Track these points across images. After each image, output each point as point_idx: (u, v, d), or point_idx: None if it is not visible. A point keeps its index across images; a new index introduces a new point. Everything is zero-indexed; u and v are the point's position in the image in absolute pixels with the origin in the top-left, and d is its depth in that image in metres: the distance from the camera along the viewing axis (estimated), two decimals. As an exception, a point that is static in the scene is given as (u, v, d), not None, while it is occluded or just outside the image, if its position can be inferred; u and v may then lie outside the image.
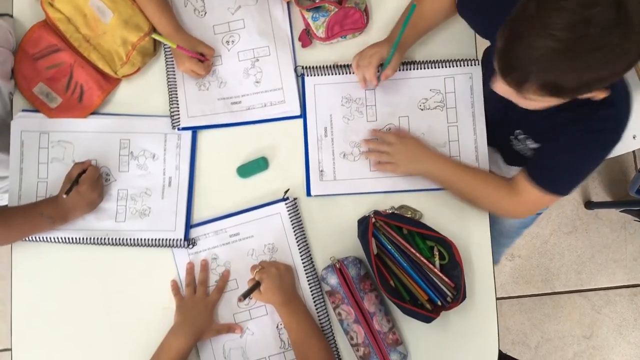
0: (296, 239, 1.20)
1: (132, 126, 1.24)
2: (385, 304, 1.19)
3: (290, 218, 1.20)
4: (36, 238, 1.20)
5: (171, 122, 1.23)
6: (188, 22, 1.25)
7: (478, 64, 1.24)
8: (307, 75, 1.25)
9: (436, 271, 1.15)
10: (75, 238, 1.20)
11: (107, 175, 1.22)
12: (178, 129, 1.23)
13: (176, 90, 1.24)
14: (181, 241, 1.19)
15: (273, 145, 1.24)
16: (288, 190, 1.21)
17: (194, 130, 1.24)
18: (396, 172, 1.21)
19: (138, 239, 1.20)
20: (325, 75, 1.25)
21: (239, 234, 1.20)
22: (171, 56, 1.24)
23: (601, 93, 0.90)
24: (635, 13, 0.77)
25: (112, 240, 1.20)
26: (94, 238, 1.20)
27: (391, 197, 1.23)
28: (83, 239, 1.20)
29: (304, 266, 1.19)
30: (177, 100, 1.23)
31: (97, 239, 1.20)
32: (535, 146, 1.16)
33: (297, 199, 1.22)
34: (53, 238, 1.20)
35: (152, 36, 1.20)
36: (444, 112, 1.24)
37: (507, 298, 2.00)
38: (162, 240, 1.19)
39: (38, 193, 1.22)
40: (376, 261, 1.14)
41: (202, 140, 1.25)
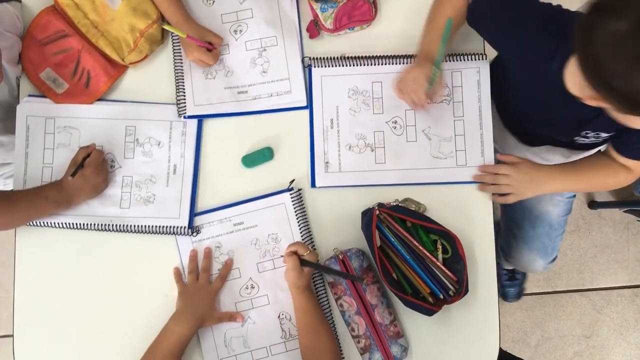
0: (300, 230, 1.20)
1: (138, 113, 1.23)
2: (387, 297, 1.19)
3: (294, 208, 1.20)
4: (41, 223, 1.20)
5: (177, 110, 1.23)
6: (196, 11, 1.25)
7: (485, 59, 1.24)
8: (314, 66, 1.25)
9: (439, 264, 1.15)
10: (79, 224, 1.20)
11: (113, 161, 1.23)
12: (184, 117, 1.23)
13: (183, 78, 1.24)
14: (185, 229, 1.19)
15: (278, 135, 1.24)
16: (293, 180, 1.21)
17: (200, 118, 1.24)
18: (519, 198, 1.22)
19: (142, 226, 1.20)
20: (332, 66, 1.25)
21: (243, 223, 1.20)
22: (179, 44, 1.24)
23: None
24: None
25: (116, 226, 1.20)
26: (98, 224, 1.20)
27: (395, 190, 1.23)
28: (87, 225, 1.20)
29: (307, 257, 1.19)
30: (184, 88, 1.23)
31: (102, 225, 1.20)
32: (607, 135, 1.14)
33: (302, 190, 1.22)
34: (58, 223, 1.20)
35: (163, 26, 1.20)
36: (451, 106, 1.24)
37: (499, 306, 2.00)
38: (166, 227, 1.20)
39: (43, 178, 1.22)
40: (379, 253, 1.14)
41: (208, 129, 1.25)
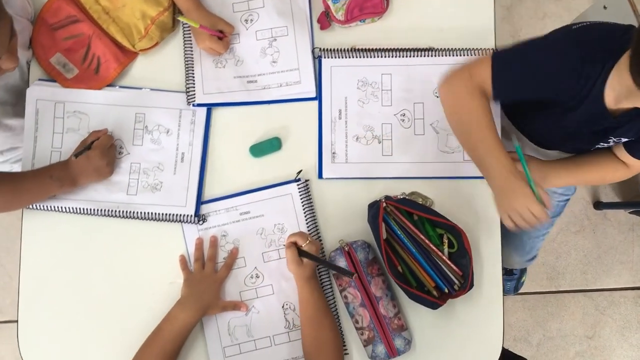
0: (306, 221, 1.20)
1: (148, 100, 1.24)
2: (391, 289, 1.19)
3: (301, 199, 1.20)
4: (47, 207, 1.20)
5: (186, 98, 1.23)
6: (208, -1, 1.25)
7: (496, 54, 1.24)
8: (324, 57, 1.24)
9: (444, 259, 1.15)
10: (86, 209, 1.20)
11: (121, 148, 1.23)
12: (193, 105, 1.23)
13: (193, 66, 1.23)
14: (191, 217, 1.19)
15: (287, 125, 1.24)
16: (301, 171, 1.21)
17: (209, 107, 1.24)
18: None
19: (148, 213, 1.20)
20: (342, 57, 1.24)
21: (250, 213, 1.21)
22: (189, 32, 1.24)
23: None
24: None
25: (123, 212, 1.20)
26: (105, 210, 1.20)
27: (402, 184, 1.23)
28: (94, 210, 1.20)
29: (313, 248, 1.19)
30: (193, 76, 1.23)
31: (108, 211, 1.20)
32: (630, 138, 1.13)
33: (309, 181, 1.22)
34: (65, 208, 1.20)
35: (178, 18, 1.19)
36: (460, 101, 1.24)
37: (503, 301, 2.00)
38: (173, 215, 1.20)
39: (51, 162, 1.22)
40: (385, 246, 1.13)
41: (216, 117, 1.25)
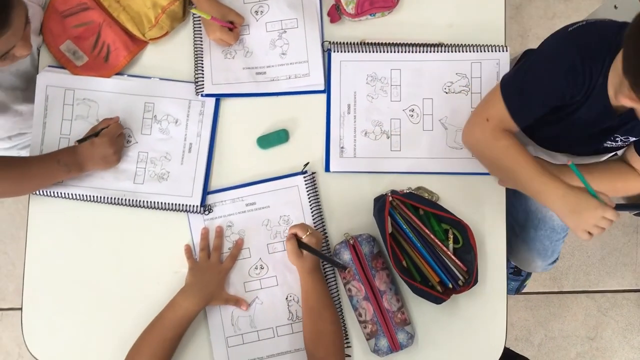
0: (312, 213, 1.20)
1: (158, 90, 1.24)
2: (395, 284, 1.19)
3: (307, 192, 1.21)
4: (55, 194, 1.21)
5: (195, 88, 1.23)
6: (218, -10, 1.25)
7: (506, 50, 1.23)
8: (334, 51, 1.24)
9: (449, 254, 1.15)
10: (93, 196, 1.20)
11: (129, 137, 1.23)
12: (201, 95, 1.23)
13: (202, 56, 1.24)
14: (197, 207, 1.20)
15: (295, 118, 1.24)
16: (308, 163, 1.21)
17: (217, 98, 1.24)
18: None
19: (155, 202, 1.20)
20: (352, 52, 1.24)
21: (256, 204, 1.21)
22: (199, 22, 1.24)
23: None
24: None
25: (129, 201, 1.20)
26: (112, 198, 1.20)
27: (409, 179, 1.23)
28: (101, 198, 1.20)
29: (318, 240, 1.19)
30: (203, 66, 1.23)
31: (115, 199, 1.20)
32: (635, 139, 1.14)
33: (316, 174, 1.22)
34: (71, 195, 1.21)
35: (192, 10, 1.19)
36: (469, 97, 1.24)
37: (507, 298, 2.00)
38: (179, 205, 1.20)
39: (59, 148, 1.22)
40: (390, 240, 1.14)
41: (225, 108, 1.25)
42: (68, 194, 1.21)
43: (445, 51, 1.24)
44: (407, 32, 1.26)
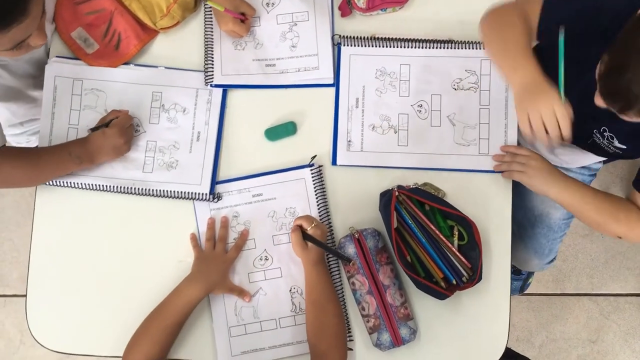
0: (318, 206, 1.20)
1: (165, 79, 1.24)
2: (399, 279, 1.19)
3: (314, 184, 1.21)
4: (65, 183, 1.21)
5: (204, 79, 1.23)
6: (230, -19, 1.25)
7: (516, 49, 1.23)
8: (344, 44, 1.25)
9: (454, 250, 1.15)
10: (102, 185, 1.21)
11: (138, 126, 1.23)
12: (211, 86, 1.23)
13: (212, 47, 1.24)
14: (206, 195, 1.20)
15: (303, 111, 1.25)
16: (315, 156, 1.22)
17: (226, 88, 1.24)
18: (527, 182, 1.17)
19: (164, 190, 1.21)
20: (362, 46, 1.24)
21: (262, 195, 1.21)
22: (210, 13, 1.25)
23: None
24: None
25: (139, 190, 1.21)
26: (121, 187, 1.21)
27: (416, 174, 1.23)
28: (110, 187, 1.21)
29: (323, 233, 1.19)
30: (213, 57, 1.24)
31: (124, 188, 1.21)
32: (621, 146, 1.13)
33: (323, 167, 1.23)
34: (81, 184, 1.21)
35: (206, 2, 1.19)
36: (477, 94, 1.24)
37: (510, 297, 2.00)
38: (188, 193, 1.20)
39: (68, 138, 1.22)
40: (395, 235, 1.14)
41: (233, 99, 1.25)
42: (77, 184, 1.21)
43: (455, 47, 1.24)
44: (418, 28, 1.26)
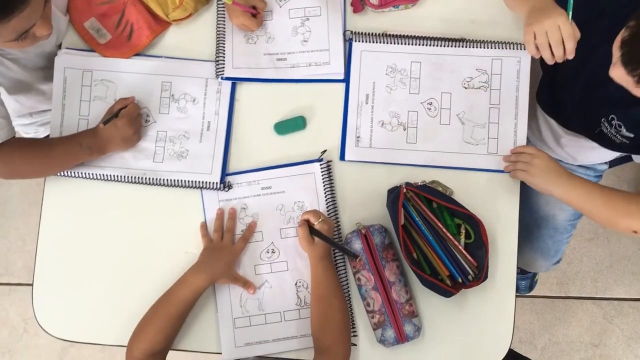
0: (326, 201, 1.21)
1: (175, 69, 1.25)
2: (405, 275, 1.19)
3: (323, 179, 1.21)
4: (75, 174, 1.22)
5: (215, 71, 1.24)
6: (243, -25, 1.26)
7: (527, 49, 1.23)
8: (355, 40, 1.25)
9: (460, 248, 1.15)
10: (113, 175, 1.22)
11: (148, 116, 1.24)
12: (222, 79, 1.23)
13: (224, 40, 1.24)
14: (217, 184, 1.21)
15: (312, 105, 1.25)
16: (325, 151, 1.22)
17: (235, 81, 1.24)
18: (530, 181, 1.16)
19: (174, 180, 1.21)
20: (373, 42, 1.24)
21: (271, 188, 1.21)
22: (223, 6, 1.25)
23: None
24: None
25: (149, 179, 1.21)
26: (132, 176, 1.21)
27: (423, 172, 1.23)
28: (121, 177, 1.22)
29: (330, 228, 1.19)
30: (224, 50, 1.24)
31: (135, 178, 1.21)
32: (629, 135, 1.12)
33: (332, 162, 1.23)
34: (91, 174, 1.22)
35: None
36: (487, 93, 1.24)
37: (520, 296, 1.99)
38: (198, 182, 1.21)
39: (79, 129, 1.23)
40: (402, 232, 1.14)
41: (243, 92, 1.26)
42: (88, 174, 1.22)
43: (466, 46, 1.24)
44: (430, 26, 1.26)
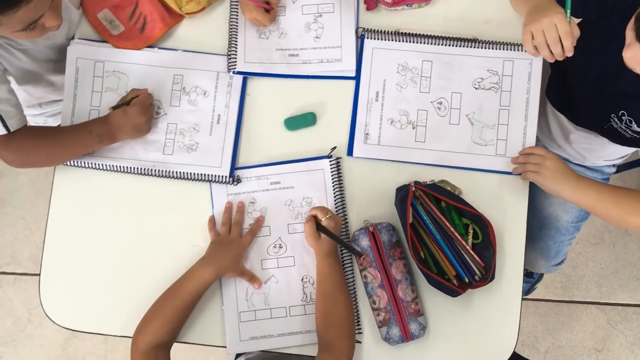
0: (334, 198, 1.21)
1: (186, 62, 1.25)
2: (411, 274, 1.19)
3: (332, 176, 1.21)
4: (85, 164, 1.22)
5: (227, 65, 1.24)
6: (257, -30, 1.26)
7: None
8: (367, 37, 1.25)
9: (468, 248, 1.15)
10: (123, 167, 1.22)
11: (159, 108, 1.24)
12: (233, 73, 1.24)
13: (237, 34, 1.24)
14: (226, 177, 1.21)
15: (323, 102, 1.25)
16: (335, 148, 1.22)
17: (247, 76, 1.25)
18: (540, 182, 1.16)
19: (183, 173, 1.21)
20: (385, 40, 1.24)
21: (280, 183, 1.22)
22: (236, 1, 1.25)
23: None
24: None
25: (159, 171, 1.22)
26: (142, 168, 1.22)
27: (431, 171, 1.23)
28: (131, 169, 1.22)
29: (338, 225, 1.19)
30: (236, 44, 1.24)
31: (145, 169, 1.22)
32: (639, 130, 1.12)
33: (341, 159, 1.23)
34: (102, 165, 1.22)
35: None
36: (498, 94, 1.24)
37: (524, 299, 1.99)
38: (207, 175, 1.21)
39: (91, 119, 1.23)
40: (410, 230, 1.14)
41: (254, 87, 1.26)
42: (98, 165, 1.22)
43: (478, 47, 1.24)
44: (442, 25, 1.26)
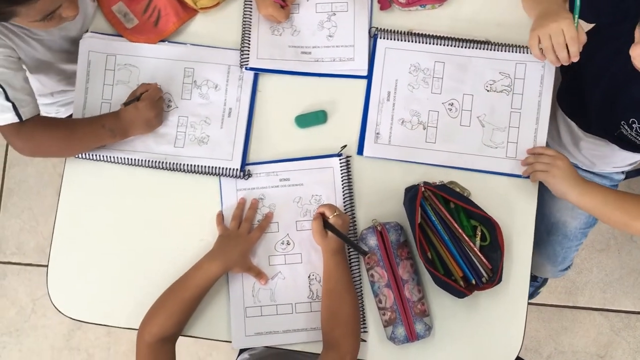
0: (343, 196, 1.21)
1: (198, 56, 1.25)
2: (418, 274, 1.19)
3: (341, 174, 1.21)
4: (96, 156, 1.23)
5: (240, 61, 1.24)
6: (272, -33, 1.26)
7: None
8: (380, 37, 1.25)
9: (475, 250, 1.15)
10: (135, 159, 1.22)
11: (170, 101, 1.25)
12: (245, 69, 1.24)
13: (250, 30, 1.25)
14: (237, 171, 1.21)
15: (334, 100, 1.25)
16: (345, 146, 1.22)
17: (259, 72, 1.25)
18: (549, 182, 1.16)
19: (195, 166, 1.22)
20: (398, 40, 1.25)
21: (290, 180, 1.22)
22: (251, -4, 1.26)
23: None
24: None
25: (170, 164, 1.22)
26: (153, 161, 1.22)
27: (441, 172, 1.23)
28: (143, 161, 1.22)
29: (346, 223, 1.19)
30: (249, 40, 1.24)
31: (156, 162, 1.22)
32: None
33: (351, 157, 1.23)
34: (113, 158, 1.23)
35: None
36: (510, 97, 1.23)
37: (527, 303, 1.99)
38: (218, 168, 1.21)
39: (101, 113, 1.23)
40: (418, 230, 1.14)
41: (265, 84, 1.26)
42: (110, 157, 1.23)
43: (491, 49, 1.24)
44: (455, 27, 1.26)
